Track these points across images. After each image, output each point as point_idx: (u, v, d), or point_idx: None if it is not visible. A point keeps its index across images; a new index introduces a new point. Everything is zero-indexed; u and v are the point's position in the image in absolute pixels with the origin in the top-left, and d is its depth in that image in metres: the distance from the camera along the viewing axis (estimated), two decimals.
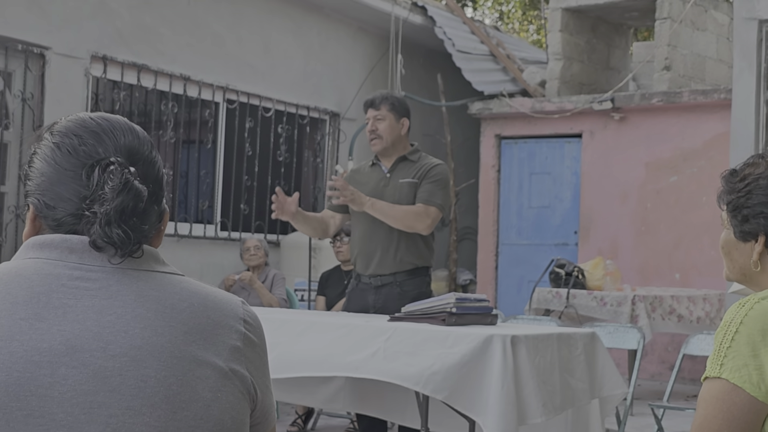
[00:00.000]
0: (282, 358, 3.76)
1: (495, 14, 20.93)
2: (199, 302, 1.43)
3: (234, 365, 1.42)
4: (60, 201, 1.43)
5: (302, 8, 9.49)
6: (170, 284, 1.44)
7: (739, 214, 2.00)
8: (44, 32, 7.26)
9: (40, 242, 1.43)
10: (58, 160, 1.45)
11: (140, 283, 1.41)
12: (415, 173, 4.68)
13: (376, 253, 4.64)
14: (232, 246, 8.67)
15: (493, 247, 10.39)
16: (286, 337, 3.87)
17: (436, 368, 3.49)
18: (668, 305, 7.67)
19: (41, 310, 1.36)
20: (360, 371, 3.66)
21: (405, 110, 4.79)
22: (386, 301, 4.59)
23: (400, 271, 4.61)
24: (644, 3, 10.02)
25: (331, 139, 9.96)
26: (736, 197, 2.00)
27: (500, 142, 10.46)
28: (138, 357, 1.35)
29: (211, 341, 1.41)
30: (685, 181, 9.36)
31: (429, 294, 4.60)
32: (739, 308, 1.83)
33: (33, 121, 7.29)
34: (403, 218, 4.55)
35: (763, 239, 1.97)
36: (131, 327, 1.37)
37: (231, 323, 1.45)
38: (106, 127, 1.48)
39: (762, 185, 1.97)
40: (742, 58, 8.42)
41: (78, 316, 1.36)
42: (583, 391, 3.86)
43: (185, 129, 8.56)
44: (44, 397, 1.31)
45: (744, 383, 1.76)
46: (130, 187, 1.39)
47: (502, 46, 11.08)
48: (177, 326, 1.39)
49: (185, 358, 1.37)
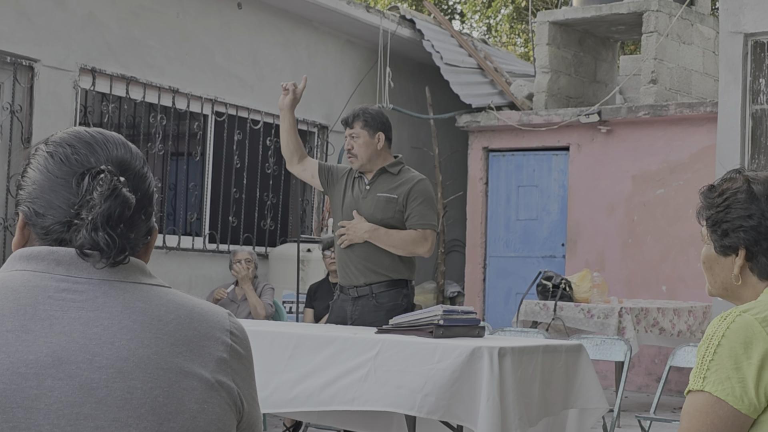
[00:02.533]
0: (278, 393, 3.79)
1: (483, 27, 21.00)
2: (185, 314, 1.44)
3: (220, 377, 1.42)
4: (50, 209, 1.44)
5: (291, 21, 9.51)
6: (157, 296, 1.44)
7: (718, 229, 2.02)
8: (33, 44, 7.27)
9: (27, 254, 1.43)
10: (50, 169, 1.45)
11: (127, 295, 1.41)
12: (395, 188, 4.70)
13: (353, 265, 4.67)
14: (220, 258, 8.67)
15: (481, 260, 10.42)
16: (276, 361, 3.87)
17: (428, 389, 3.51)
18: (652, 318, 7.70)
19: (28, 322, 1.36)
20: (356, 403, 3.66)
21: (380, 124, 4.79)
22: (362, 312, 4.62)
23: (376, 282, 4.63)
24: (631, 17, 10.08)
25: (319, 152, 9.98)
26: (715, 212, 2.03)
27: (488, 155, 10.49)
28: (124, 369, 1.35)
29: (197, 353, 1.41)
30: (671, 194, 9.40)
31: (405, 306, 4.61)
32: (721, 321, 1.84)
33: (21, 133, 7.29)
34: (404, 246, 4.60)
35: (743, 253, 1.98)
36: (118, 339, 1.37)
37: (217, 335, 1.45)
38: (100, 140, 1.48)
39: (740, 199, 1.99)
40: (728, 71, 8.48)
41: (64, 328, 1.36)
42: (556, 402, 3.87)
43: (174, 141, 8.57)
44: (30, 409, 1.31)
45: (727, 396, 1.77)
46: (118, 194, 1.40)
47: (489, 60, 11.13)
48: (163, 338, 1.39)
49: (171, 369, 1.38)
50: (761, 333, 1.79)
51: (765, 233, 1.96)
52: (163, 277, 2.15)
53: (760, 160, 8.36)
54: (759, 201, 1.98)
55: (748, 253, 1.98)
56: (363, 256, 4.64)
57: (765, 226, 1.96)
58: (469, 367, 3.52)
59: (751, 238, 1.97)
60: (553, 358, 3.87)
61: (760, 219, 1.97)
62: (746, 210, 1.98)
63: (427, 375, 3.54)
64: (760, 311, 1.83)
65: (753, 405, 1.78)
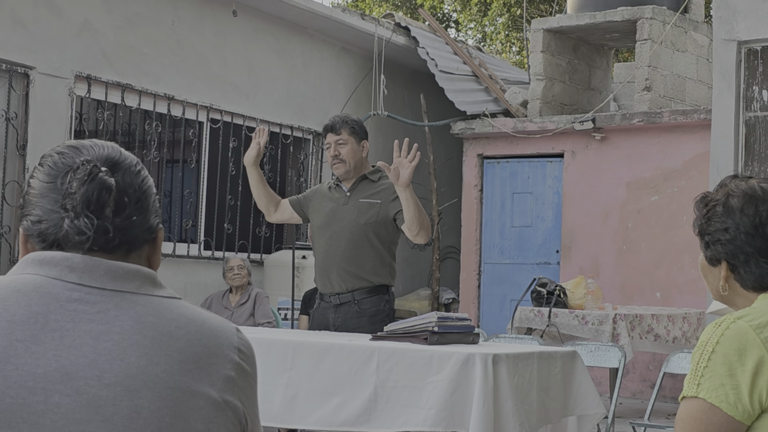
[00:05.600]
0: (285, 408, 3.79)
1: (478, 35, 21.04)
2: (195, 329, 1.42)
3: (227, 396, 1.41)
4: (44, 214, 1.43)
5: (286, 28, 9.53)
6: (168, 310, 1.43)
7: (702, 240, 2.03)
8: (28, 52, 7.28)
9: (41, 258, 1.42)
10: (41, 177, 1.46)
11: (138, 308, 1.40)
12: (376, 194, 4.73)
13: (333, 272, 4.67)
14: (215, 265, 8.67)
15: (476, 266, 10.43)
16: (276, 373, 3.87)
17: (431, 403, 3.53)
18: (647, 324, 7.71)
19: (38, 332, 1.35)
20: (372, 425, 3.67)
21: (364, 133, 4.87)
22: (345, 319, 4.63)
23: (358, 289, 4.63)
24: (625, 24, 10.11)
25: (314, 159, 9.99)
26: (700, 223, 2.04)
27: (482, 162, 10.51)
28: (132, 387, 1.34)
29: (206, 371, 1.40)
30: (665, 201, 9.42)
31: (387, 312, 4.63)
32: (715, 328, 1.84)
33: (17, 141, 7.29)
34: (422, 218, 4.53)
35: (725, 264, 1.99)
36: (127, 355, 1.36)
37: (226, 352, 1.44)
38: (88, 144, 1.49)
39: (718, 212, 1.99)
40: (722, 78, 8.51)
41: (75, 341, 1.35)
42: (556, 410, 3.89)
43: (169, 148, 8.57)
44: (36, 424, 1.30)
45: (721, 402, 1.78)
46: (94, 177, 1.39)
47: (484, 67, 11.15)
48: (173, 355, 1.38)
49: (179, 388, 1.36)
50: (755, 340, 1.80)
51: (741, 246, 1.96)
52: None
53: (753, 167, 8.39)
54: (734, 214, 1.97)
55: (729, 265, 1.99)
56: (345, 260, 4.64)
57: (740, 239, 1.96)
58: (464, 374, 3.53)
59: (729, 252, 1.97)
60: (549, 365, 3.88)
61: (736, 233, 1.96)
62: (723, 223, 1.98)
63: (427, 388, 3.56)
64: (755, 318, 1.83)
65: (747, 412, 1.78)
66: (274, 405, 3.81)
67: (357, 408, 3.70)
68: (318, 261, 4.77)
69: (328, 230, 4.74)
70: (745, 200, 1.97)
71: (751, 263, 1.96)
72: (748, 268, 1.96)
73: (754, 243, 1.95)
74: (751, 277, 1.96)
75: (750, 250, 1.95)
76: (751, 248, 1.95)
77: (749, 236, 1.96)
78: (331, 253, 4.68)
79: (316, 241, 4.80)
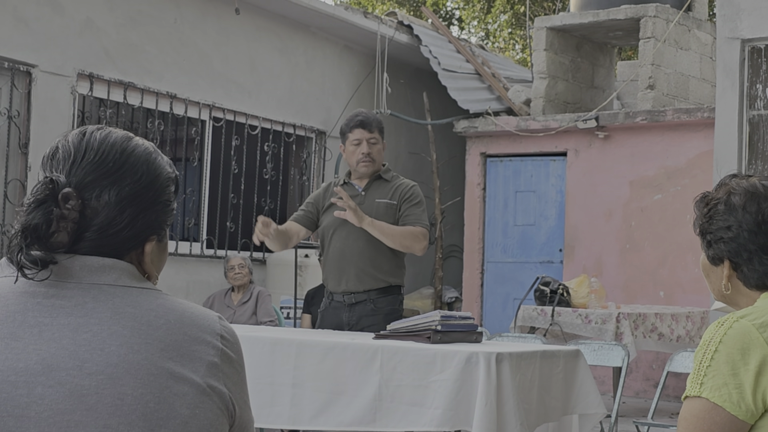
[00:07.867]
0: (291, 408, 3.79)
1: (481, 33, 21.02)
2: (175, 318, 1.42)
3: (212, 381, 1.41)
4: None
5: (289, 27, 9.52)
6: (146, 300, 1.43)
7: (704, 239, 2.02)
8: (31, 50, 7.27)
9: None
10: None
11: (116, 300, 1.40)
12: (392, 194, 4.72)
13: (349, 272, 4.65)
14: (218, 264, 8.67)
15: (479, 265, 10.42)
16: (281, 372, 3.87)
17: (437, 403, 3.54)
18: (650, 323, 7.70)
19: (17, 329, 1.36)
20: (378, 425, 3.68)
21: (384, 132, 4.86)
22: (360, 318, 4.62)
23: (374, 289, 4.63)
24: (628, 23, 10.09)
25: (317, 157, 9.98)
26: (701, 222, 2.03)
27: (485, 160, 10.49)
28: (115, 375, 1.34)
29: (188, 357, 1.40)
30: (669, 199, 9.41)
31: (401, 312, 4.64)
32: (718, 327, 1.84)
33: (19, 139, 7.29)
34: (402, 238, 4.58)
35: (728, 263, 1.98)
36: (107, 344, 1.36)
37: (208, 339, 1.43)
38: (78, 146, 1.51)
39: (720, 210, 1.99)
40: (725, 77, 8.49)
41: (54, 335, 1.36)
42: (555, 408, 3.88)
43: (171, 147, 8.57)
44: (21, 417, 1.31)
45: (724, 402, 1.77)
46: (41, 203, 1.38)
47: (487, 65, 11.14)
48: (153, 343, 1.38)
49: (162, 374, 1.37)
50: (758, 339, 1.79)
51: (744, 244, 1.95)
52: (161, 283, 2.16)
53: (757, 166, 8.37)
54: (736, 212, 1.96)
55: (731, 263, 1.98)
56: (364, 260, 4.62)
57: (743, 237, 1.95)
58: (467, 373, 3.52)
59: (731, 250, 1.97)
60: (551, 364, 3.87)
61: (738, 230, 1.95)
62: (725, 221, 1.97)
63: (432, 387, 3.55)
64: (758, 317, 1.83)
65: (750, 411, 1.78)
66: (284, 407, 3.81)
67: (362, 407, 3.70)
68: (331, 259, 4.71)
69: (344, 229, 4.67)
70: (747, 198, 1.97)
71: (755, 261, 1.95)
72: (751, 266, 1.96)
73: (757, 240, 1.95)
74: (755, 275, 1.96)
75: (753, 248, 1.95)
76: (754, 246, 1.95)
77: (752, 233, 1.95)
78: (348, 253, 4.64)
79: (329, 240, 4.73)
